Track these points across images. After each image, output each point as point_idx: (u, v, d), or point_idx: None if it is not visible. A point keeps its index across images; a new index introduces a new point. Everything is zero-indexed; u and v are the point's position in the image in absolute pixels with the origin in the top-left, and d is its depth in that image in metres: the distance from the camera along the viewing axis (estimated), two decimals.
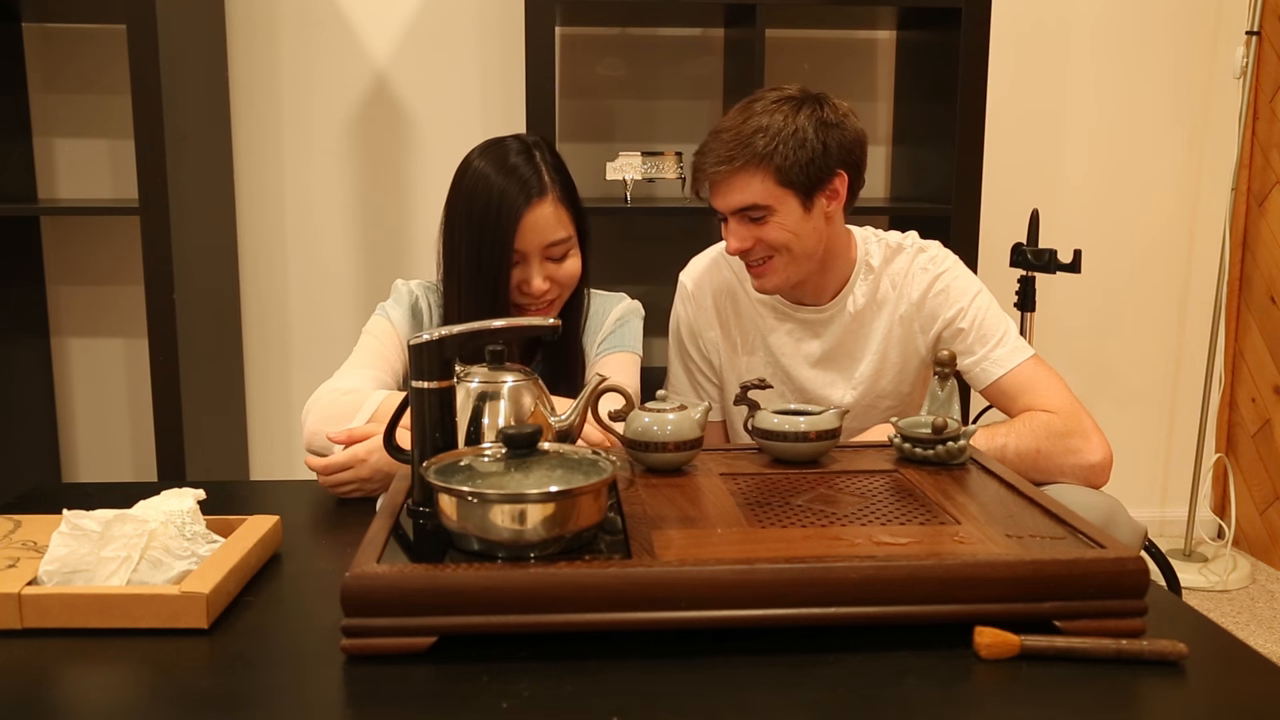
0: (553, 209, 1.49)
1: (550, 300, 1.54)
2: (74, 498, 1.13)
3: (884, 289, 1.61)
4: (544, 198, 1.48)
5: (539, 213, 1.47)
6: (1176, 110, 2.93)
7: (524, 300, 1.52)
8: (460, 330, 1.08)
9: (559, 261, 1.52)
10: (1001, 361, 1.52)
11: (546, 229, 1.48)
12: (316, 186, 2.74)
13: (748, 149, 1.46)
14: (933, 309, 1.58)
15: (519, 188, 1.47)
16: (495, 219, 1.47)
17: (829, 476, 1.16)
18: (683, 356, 1.71)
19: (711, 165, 1.48)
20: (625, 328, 1.62)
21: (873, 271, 1.61)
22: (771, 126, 1.46)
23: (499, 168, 1.49)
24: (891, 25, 2.71)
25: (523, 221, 1.47)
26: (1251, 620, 2.63)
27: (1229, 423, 3.10)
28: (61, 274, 2.71)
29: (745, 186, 1.47)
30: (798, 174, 1.47)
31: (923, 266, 1.60)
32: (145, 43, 2.18)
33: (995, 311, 1.57)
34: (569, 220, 1.52)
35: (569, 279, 1.54)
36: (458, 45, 2.71)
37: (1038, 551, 0.93)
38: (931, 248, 1.62)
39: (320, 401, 1.43)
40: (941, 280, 1.58)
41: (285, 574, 1.09)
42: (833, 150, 1.49)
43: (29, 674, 0.88)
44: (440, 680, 0.85)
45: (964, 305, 1.56)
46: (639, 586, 0.87)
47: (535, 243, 1.48)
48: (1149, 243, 2.98)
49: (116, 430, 2.79)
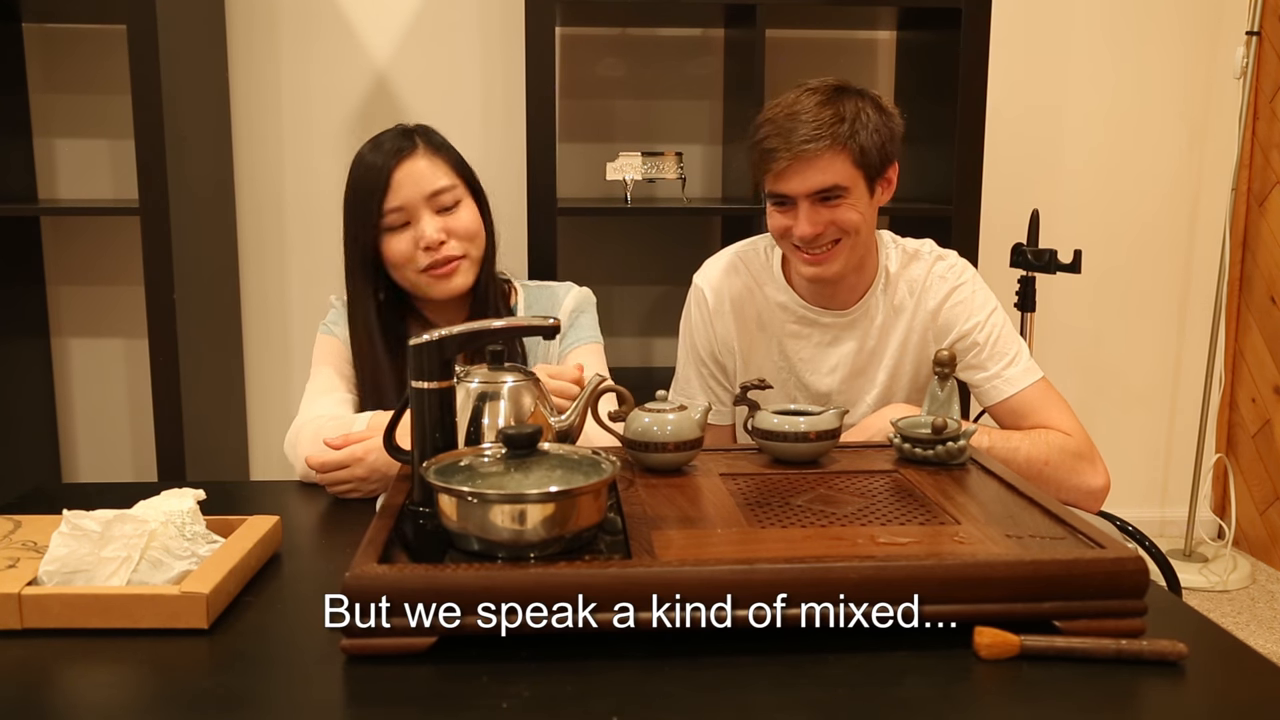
0: (426, 161, 1.52)
1: (454, 259, 1.51)
2: (74, 498, 1.13)
3: (901, 295, 1.60)
4: (412, 151, 1.51)
5: (410, 165, 1.50)
6: (1176, 110, 2.93)
7: (425, 260, 1.50)
8: (460, 330, 1.08)
9: (450, 211, 1.52)
10: (1014, 380, 1.52)
11: (423, 179, 1.50)
12: (316, 186, 2.74)
13: (832, 130, 1.45)
14: (948, 320, 1.57)
15: (385, 152, 1.51)
16: (367, 184, 1.50)
17: (829, 476, 1.16)
18: (696, 361, 1.69)
19: (798, 145, 1.45)
20: (583, 318, 1.63)
21: (890, 277, 1.60)
22: (848, 110, 1.46)
23: (358, 165, 1.53)
24: (891, 25, 2.71)
25: (394, 176, 1.49)
26: (1251, 620, 2.63)
27: (1229, 423, 3.10)
28: (61, 274, 2.71)
29: (829, 166, 1.46)
30: (873, 156, 1.48)
31: (941, 275, 1.59)
32: (145, 43, 2.18)
33: (1009, 330, 1.57)
34: (449, 170, 1.53)
35: (466, 230, 1.53)
36: (458, 45, 2.71)
37: (1038, 551, 0.93)
38: (949, 256, 1.62)
39: (305, 432, 1.42)
40: (960, 292, 1.58)
41: (285, 574, 1.09)
42: (895, 136, 1.51)
43: (29, 674, 0.88)
44: (440, 680, 0.85)
45: (980, 320, 1.56)
46: (639, 586, 0.87)
47: (416, 193, 1.50)
48: (1149, 243, 2.98)
49: (116, 430, 2.79)
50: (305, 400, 1.50)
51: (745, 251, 1.67)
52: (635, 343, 2.85)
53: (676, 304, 1.75)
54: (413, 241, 1.50)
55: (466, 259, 1.54)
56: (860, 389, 1.62)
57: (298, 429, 1.44)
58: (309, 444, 1.39)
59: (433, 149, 1.53)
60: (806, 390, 1.63)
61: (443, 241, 1.50)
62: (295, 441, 1.42)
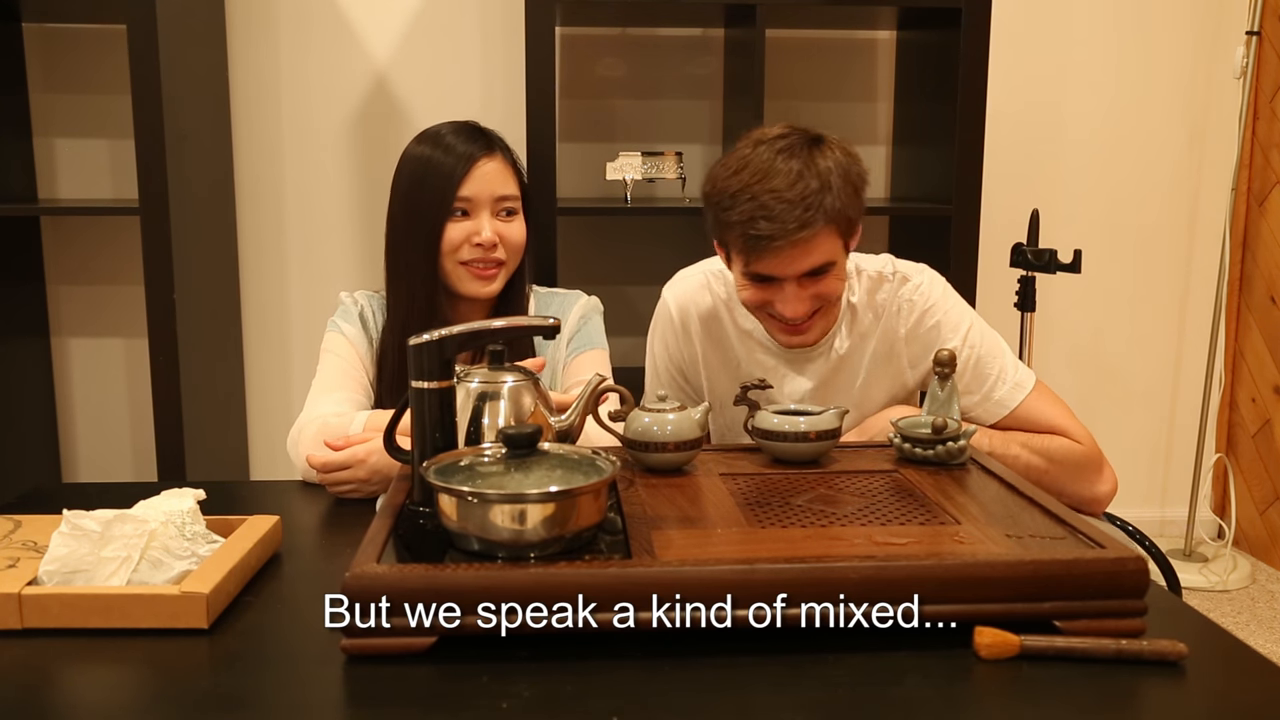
0: (502, 165, 1.57)
1: (497, 263, 1.56)
2: (74, 498, 1.13)
3: (867, 323, 1.53)
4: (494, 153, 1.57)
5: (489, 164, 1.55)
6: (1176, 110, 2.93)
7: (471, 255, 1.54)
8: (460, 330, 1.08)
9: (508, 220, 1.57)
10: (1004, 401, 1.47)
11: (497, 181, 1.56)
12: (316, 186, 2.74)
13: (819, 209, 1.34)
14: (925, 345, 1.50)
15: (469, 144, 1.55)
16: (439, 171, 1.53)
17: (829, 476, 1.16)
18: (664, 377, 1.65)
19: (794, 232, 1.33)
20: (589, 325, 1.65)
21: (854, 309, 1.54)
22: (820, 177, 1.35)
23: (436, 143, 1.56)
24: (891, 25, 2.71)
25: (473, 168, 1.53)
26: (1251, 620, 2.63)
27: (1229, 423, 3.10)
28: (61, 274, 2.71)
29: (821, 246, 1.37)
30: (845, 222, 1.39)
31: (908, 299, 1.51)
32: (145, 43, 2.18)
33: (989, 345, 1.50)
34: (515, 182, 1.59)
35: (515, 242, 1.58)
36: (458, 45, 2.71)
37: (1038, 551, 0.93)
38: (914, 275, 1.53)
39: (307, 431, 1.42)
40: (932, 315, 1.50)
41: (285, 574, 1.09)
42: (861, 193, 1.41)
43: (29, 674, 0.88)
44: (440, 680, 0.85)
45: (959, 344, 1.48)
46: (639, 586, 0.87)
47: (486, 192, 1.54)
48: (1149, 243, 2.98)
49: (116, 430, 2.79)
50: (310, 398, 1.51)
51: (717, 270, 1.61)
52: (635, 343, 2.84)
53: None
54: (466, 233, 1.54)
55: (505, 267, 1.59)
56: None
57: (300, 428, 1.44)
58: (310, 443, 1.39)
59: (508, 158, 1.60)
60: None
61: (494, 244, 1.55)
62: (297, 440, 1.43)
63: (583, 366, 1.58)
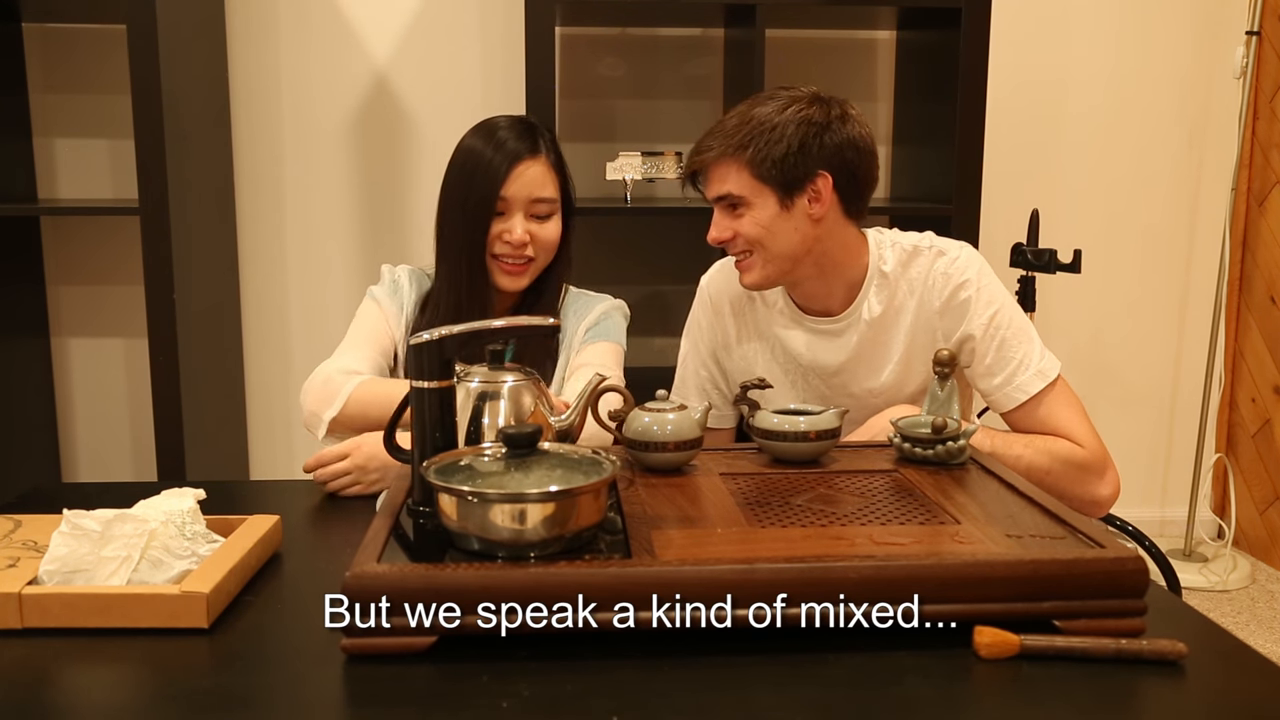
0: (544, 169, 1.59)
1: (526, 260, 1.60)
2: (74, 498, 1.13)
3: (901, 295, 1.54)
4: (538, 155, 1.59)
5: (532, 166, 1.58)
6: (1176, 110, 2.93)
7: (502, 250, 1.58)
8: (460, 330, 1.08)
9: (542, 221, 1.60)
10: (1023, 388, 1.47)
11: (535, 183, 1.58)
12: (316, 186, 2.74)
13: (727, 140, 1.47)
14: (954, 319, 1.51)
15: (517, 142, 1.58)
16: (486, 169, 1.56)
17: (829, 476, 1.16)
18: (696, 362, 1.68)
19: (696, 153, 1.51)
20: (609, 320, 1.68)
21: (887, 278, 1.54)
22: (754, 120, 1.47)
23: (488, 137, 1.59)
24: (891, 25, 2.71)
25: (515, 169, 1.56)
26: (1251, 620, 2.63)
27: (1229, 423, 3.10)
28: (61, 274, 2.71)
29: (724, 176, 1.48)
30: (770, 169, 1.45)
31: (943, 271, 1.52)
32: (145, 43, 2.18)
33: (1017, 329, 1.50)
34: (556, 187, 1.61)
35: (547, 242, 1.61)
36: (458, 45, 2.71)
37: (1037, 551, 0.93)
38: (950, 249, 1.54)
39: (315, 382, 1.49)
40: (965, 290, 1.50)
41: (285, 574, 1.09)
42: (812, 150, 1.45)
43: (29, 674, 0.88)
44: (440, 680, 0.85)
45: (985, 322, 1.48)
46: (639, 586, 0.87)
47: (524, 194, 1.57)
48: (1149, 243, 2.98)
49: (116, 430, 2.79)
50: (335, 352, 1.57)
51: None
52: (635, 342, 2.83)
53: (676, 303, 1.75)
54: (499, 230, 1.58)
55: (535, 264, 1.62)
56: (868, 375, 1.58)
57: (313, 377, 1.50)
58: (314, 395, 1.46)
59: (553, 161, 1.62)
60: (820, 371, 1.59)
61: (525, 244, 1.58)
62: (307, 389, 1.49)
63: (590, 353, 1.61)
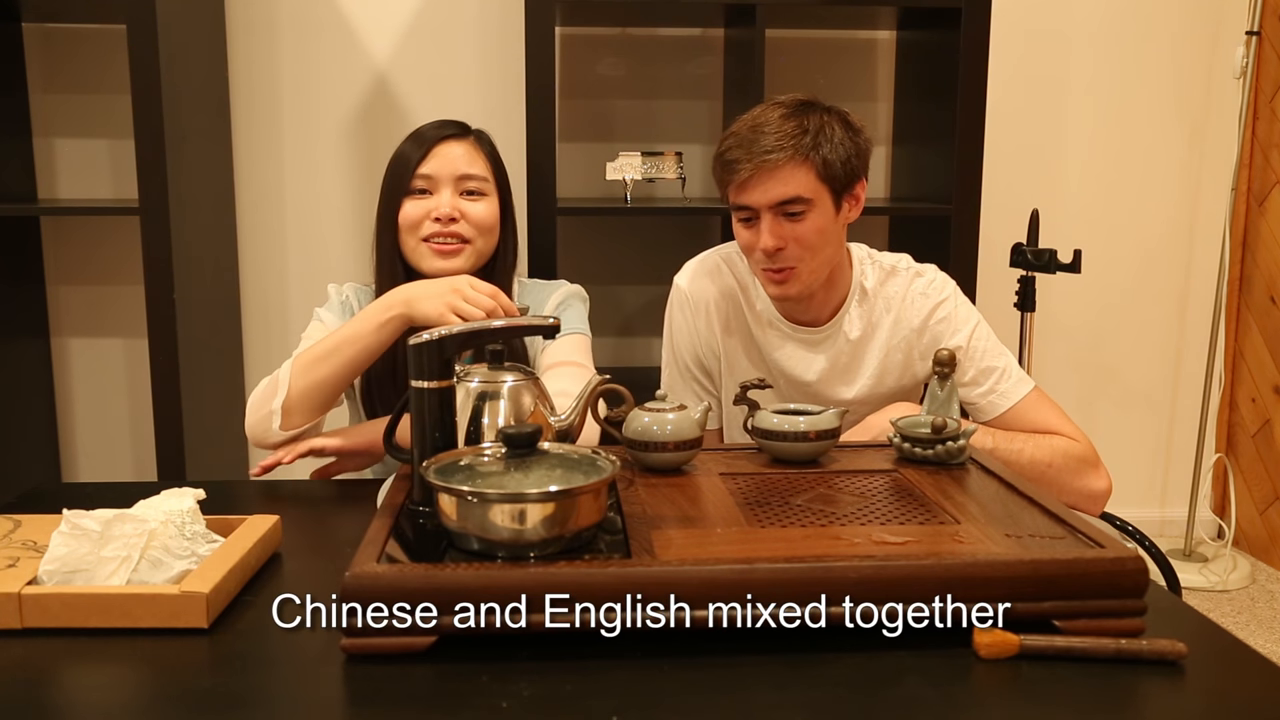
0: (471, 147, 1.59)
1: (460, 240, 1.56)
2: (74, 498, 1.13)
3: (878, 312, 1.58)
4: (463, 137, 1.59)
5: (452, 145, 1.57)
6: (1176, 110, 2.93)
7: (430, 230, 1.55)
8: (460, 330, 1.08)
9: (473, 198, 1.57)
10: (1008, 394, 1.52)
11: (461, 159, 1.57)
12: (316, 186, 2.74)
13: (795, 141, 1.44)
14: (934, 336, 1.56)
15: (438, 130, 1.58)
16: (408, 150, 1.57)
17: (829, 476, 1.16)
18: (679, 367, 1.66)
19: (759, 155, 1.44)
20: (569, 310, 1.63)
21: (867, 295, 1.59)
22: (812, 124, 1.46)
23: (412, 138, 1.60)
24: (891, 25, 2.71)
25: (435, 148, 1.56)
26: (1251, 620, 2.64)
27: (1229, 423, 3.10)
28: (61, 274, 2.71)
29: (790, 178, 1.45)
30: (837, 170, 1.46)
31: (921, 291, 1.58)
32: (145, 43, 2.18)
33: (994, 344, 1.56)
34: (486, 168, 1.59)
35: (479, 220, 1.57)
36: (458, 45, 2.71)
37: (1037, 551, 0.93)
38: (928, 272, 1.60)
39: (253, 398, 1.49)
40: (943, 308, 1.56)
41: (285, 574, 1.09)
42: (862, 153, 1.50)
43: (29, 674, 0.88)
44: (440, 680, 0.85)
45: (966, 335, 1.55)
46: (639, 586, 0.87)
47: (448, 169, 1.55)
48: (1149, 242, 2.98)
49: (116, 430, 2.79)
50: None
51: (730, 253, 1.64)
52: (635, 342, 2.85)
53: None
54: (425, 210, 1.55)
55: (471, 246, 1.58)
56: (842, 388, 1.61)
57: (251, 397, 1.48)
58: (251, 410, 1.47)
59: (478, 144, 1.61)
60: (793, 383, 1.62)
61: (454, 219, 1.55)
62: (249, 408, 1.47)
63: (558, 351, 1.55)
